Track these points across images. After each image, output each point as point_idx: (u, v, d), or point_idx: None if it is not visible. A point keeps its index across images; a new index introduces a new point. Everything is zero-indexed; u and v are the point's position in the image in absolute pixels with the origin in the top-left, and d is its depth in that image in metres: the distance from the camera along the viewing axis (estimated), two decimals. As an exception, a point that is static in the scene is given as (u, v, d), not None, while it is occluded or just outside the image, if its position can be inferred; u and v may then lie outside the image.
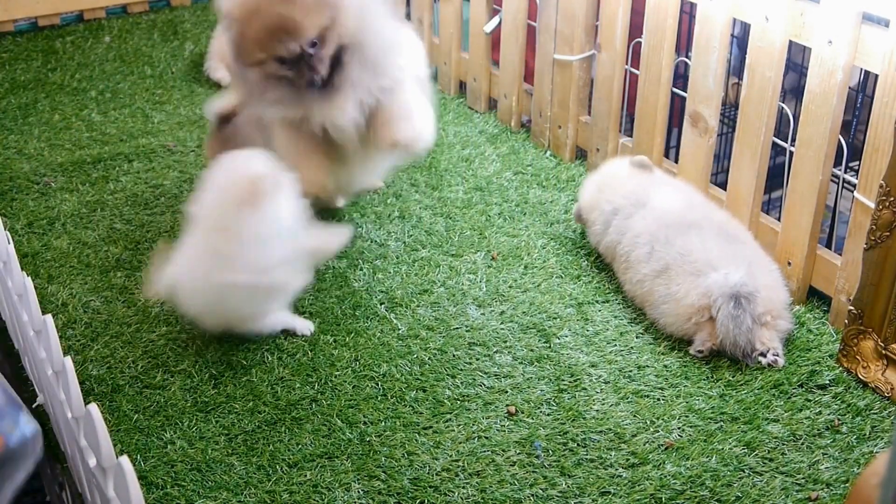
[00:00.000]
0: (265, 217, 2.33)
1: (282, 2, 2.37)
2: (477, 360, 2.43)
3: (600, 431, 2.20)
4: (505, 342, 2.49)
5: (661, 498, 2.02)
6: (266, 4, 2.39)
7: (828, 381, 2.34)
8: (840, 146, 2.49)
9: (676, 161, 2.98)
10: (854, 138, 2.92)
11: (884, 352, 2.30)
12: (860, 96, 2.92)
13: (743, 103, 2.66)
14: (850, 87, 2.46)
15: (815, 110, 2.45)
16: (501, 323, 2.56)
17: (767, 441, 2.16)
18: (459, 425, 2.22)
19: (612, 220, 2.69)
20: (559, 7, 3.22)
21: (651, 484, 2.05)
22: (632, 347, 2.47)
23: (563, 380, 2.36)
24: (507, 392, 2.32)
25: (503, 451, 2.15)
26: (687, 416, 2.24)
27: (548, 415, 2.25)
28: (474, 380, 2.36)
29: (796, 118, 2.58)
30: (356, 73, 2.51)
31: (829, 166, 2.50)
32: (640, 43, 2.99)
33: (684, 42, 3.08)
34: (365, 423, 2.23)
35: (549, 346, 2.47)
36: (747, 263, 2.43)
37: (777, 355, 2.38)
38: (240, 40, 2.45)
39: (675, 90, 2.98)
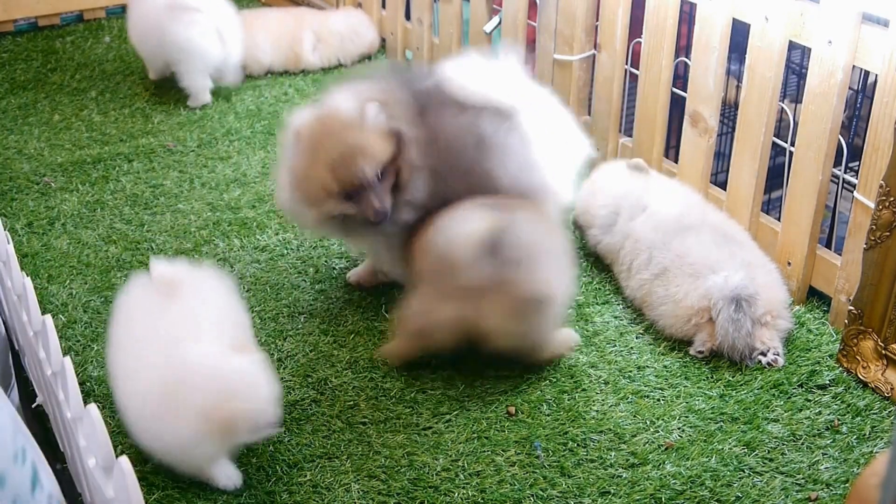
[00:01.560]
0: None
1: (358, 129, 2.30)
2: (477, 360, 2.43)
3: (600, 432, 2.20)
4: (505, 342, 2.49)
5: (661, 498, 2.02)
6: (338, 128, 2.30)
7: (828, 381, 2.34)
8: (840, 146, 2.49)
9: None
10: (854, 136, 2.92)
11: (884, 352, 2.30)
12: (860, 97, 2.92)
13: (743, 103, 2.66)
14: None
15: (815, 110, 2.45)
16: (501, 323, 2.56)
17: (767, 441, 2.16)
18: (459, 425, 2.22)
19: (614, 223, 2.69)
20: (559, 7, 3.22)
21: (651, 484, 2.05)
22: (631, 348, 2.47)
23: (562, 380, 2.36)
24: (506, 392, 2.32)
25: (503, 451, 2.15)
26: (687, 417, 2.24)
27: (548, 415, 2.25)
28: (474, 380, 2.36)
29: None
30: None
31: (829, 166, 2.50)
32: (639, 43, 2.99)
33: (684, 42, 3.08)
34: (365, 423, 2.23)
35: (549, 347, 2.47)
36: (746, 265, 2.43)
37: (777, 354, 2.38)
38: (304, 167, 2.33)
39: (674, 90, 2.98)
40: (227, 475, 2.02)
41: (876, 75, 2.31)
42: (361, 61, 4.23)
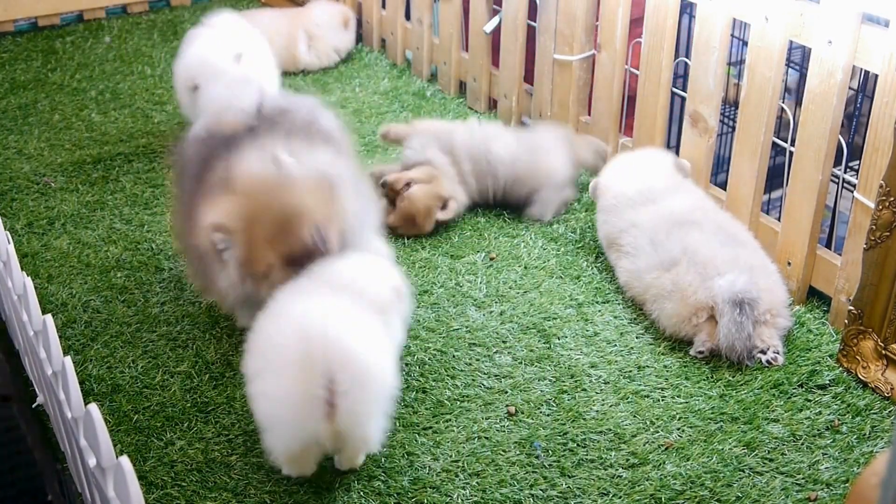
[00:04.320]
0: None
1: (282, 191, 2.15)
2: (477, 360, 2.43)
3: (600, 432, 2.20)
4: (505, 343, 2.49)
5: (661, 498, 2.02)
6: (265, 199, 2.13)
7: (828, 381, 2.34)
8: (840, 146, 2.49)
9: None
10: (854, 135, 2.92)
11: (884, 352, 2.30)
12: (860, 96, 2.93)
13: (743, 103, 2.66)
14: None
15: (814, 110, 2.45)
16: (501, 323, 2.56)
17: (767, 441, 2.16)
18: (459, 426, 2.22)
19: (628, 207, 2.69)
20: (559, 7, 3.22)
21: (651, 484, 2.05)
22: (632, 348, 2.47)
23: (563, 380, 2.36)
24: (507, 392, 2.32)
25: (503, 451, 2.15)
26: (687, 417, 2.24)
27: (548, 415, 2.25)
28: (474, 380, 2.36)
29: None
30: None
31: (829, 166, 2.50)
32: (639, 43, 2.99)
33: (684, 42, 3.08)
34: (365, 423, 2.23)
35: (549, 347, 2.47)
36: (749, 267, 2.43)
37: (777, 353, 2.38)
38: (246, 248, 2.15)
39: (674, 90, 2.98)
40: None
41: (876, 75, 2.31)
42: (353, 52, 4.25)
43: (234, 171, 2.19)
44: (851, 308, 2.33)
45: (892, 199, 2.19)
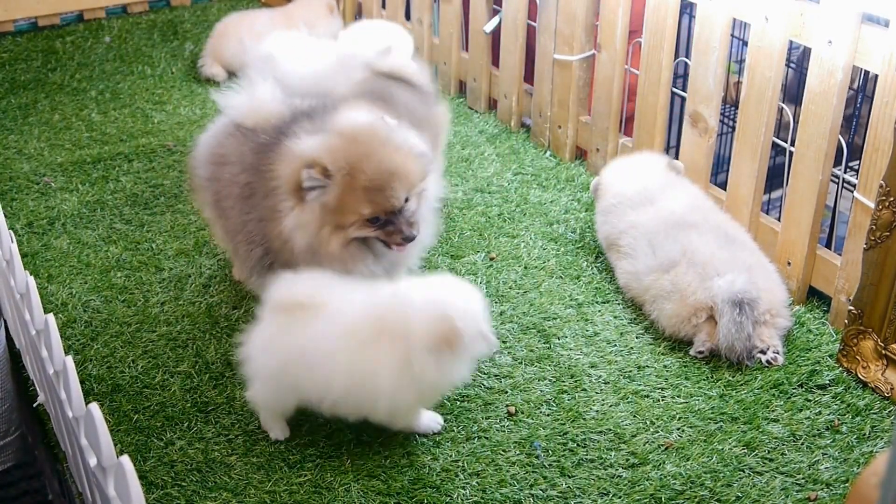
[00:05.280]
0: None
1: (388, 145, 2.13)
2: (477, 360, 2.43)
3: (600, 432, 2.20)
4: (505, 342, 2.49)
5: (661, 498, 2.02)
6: (372, 148, 2.10)
7: (828, 381, 2.34)
8: (840, 146, 2.49)
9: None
10: (854, 135, 2.92)
11: (884, 352, 2.30)
12: (860, 96, 2.92)
13: (743, 103, 2.66)
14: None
15: (814, 110, 2.45)
16: (501, 323, 2.56)
17: (767, 441, 2.16)
18: (459, 425, 2.22)
19: (627, 209, 2.70)
20: (559, 7, 3.22)
21: (651, 484, 2.05)
22: (632, 348, 2.47)
23: (563, 380, 2.36)
24: (507, 392, 2.32)
25: (503, 451, 2.15)
26: (687, 417, 2.24)
27: (548, 415, 2.25)
28: (474, 380, 2.36)
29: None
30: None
31: (829, 166, 2.50)
32: (640, 43, 2.99)
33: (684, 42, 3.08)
34: (365, 423, 2.22)
35: (549, 347, 2.47)
36: (747, 267, 2.43)
37: (777, 353, 2.38)
38: (341, 193, 2.08)
39: (674, 90, 2.98)
40: None
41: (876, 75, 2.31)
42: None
43: (337, 117, 2.16)
44: (851, 308, 2.34)
45: (892, 199, 2.19)
